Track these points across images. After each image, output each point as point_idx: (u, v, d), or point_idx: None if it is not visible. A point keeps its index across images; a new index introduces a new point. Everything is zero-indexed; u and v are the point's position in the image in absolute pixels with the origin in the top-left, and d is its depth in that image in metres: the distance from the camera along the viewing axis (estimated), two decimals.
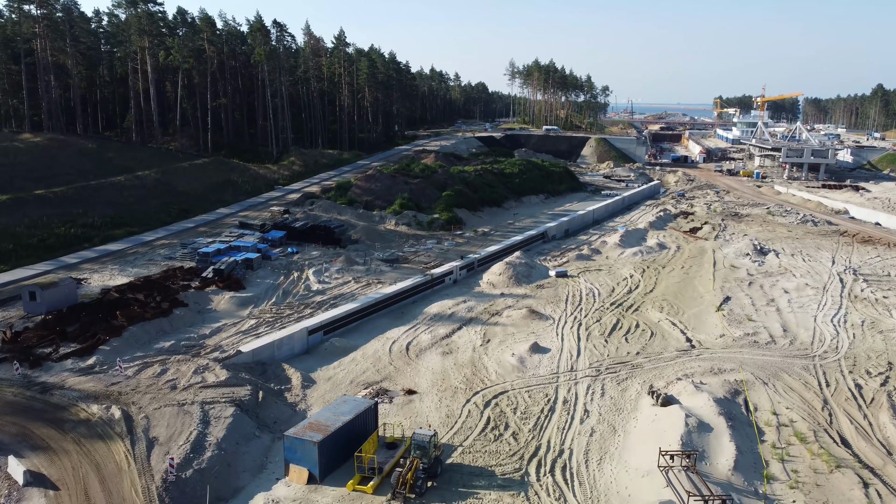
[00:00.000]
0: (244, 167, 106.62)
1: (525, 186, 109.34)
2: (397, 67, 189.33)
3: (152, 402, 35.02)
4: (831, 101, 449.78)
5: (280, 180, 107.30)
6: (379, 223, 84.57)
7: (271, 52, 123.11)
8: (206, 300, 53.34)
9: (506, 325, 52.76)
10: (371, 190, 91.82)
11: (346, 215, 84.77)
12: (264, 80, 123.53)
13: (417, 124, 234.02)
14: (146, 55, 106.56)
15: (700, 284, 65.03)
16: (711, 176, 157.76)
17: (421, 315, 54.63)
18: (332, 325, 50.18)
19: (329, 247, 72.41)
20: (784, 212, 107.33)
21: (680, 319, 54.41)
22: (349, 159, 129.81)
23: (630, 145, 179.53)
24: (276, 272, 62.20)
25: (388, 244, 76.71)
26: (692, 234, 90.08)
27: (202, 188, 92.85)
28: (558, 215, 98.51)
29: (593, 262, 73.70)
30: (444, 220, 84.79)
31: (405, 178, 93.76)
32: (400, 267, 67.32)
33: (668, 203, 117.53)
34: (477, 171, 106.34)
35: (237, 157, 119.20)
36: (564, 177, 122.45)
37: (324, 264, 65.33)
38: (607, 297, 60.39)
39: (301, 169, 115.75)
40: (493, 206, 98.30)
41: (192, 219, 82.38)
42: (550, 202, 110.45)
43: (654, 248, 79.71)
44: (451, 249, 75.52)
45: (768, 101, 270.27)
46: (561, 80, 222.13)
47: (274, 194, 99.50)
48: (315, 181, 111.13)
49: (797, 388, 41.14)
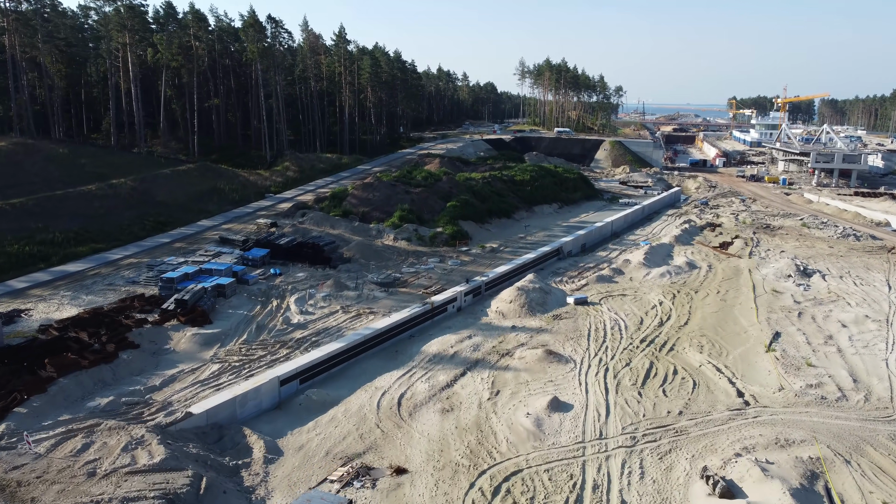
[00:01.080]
0: (233, 173, 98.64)
1: (537, 195, 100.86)
2: (402, 66, 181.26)
3: (59, 499, 26.83)
4: (849, 103, 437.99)
5: (272, 188, 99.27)
6: (376, 238, 76.32)
7: (265, 50, 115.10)
8: (163, 338, 45.20)
9: (518, 369, 44.37)
10: (368, 200, 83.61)
11: (340, 229, 76.58)
12: (258, 80, 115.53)
13: (423, 125, 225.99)
14: (128, 52, 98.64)
15: (741, 315, 56.37)
16: (734, 182, 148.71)
17: (418, 355, 46.35)
18: (311, 371, 41.95)
19: (317, 267, 64.23)
20: (820, 224, 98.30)
21: (725, 363, 45.84)
22: (348, 164, 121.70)
23: (646, 149, 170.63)
24: (252, 300, 54.00)
25: (384, 263, 68.41)
26: (723, 250, 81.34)
27: (184, 197, 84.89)
28: (574, 228, 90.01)
29: (616, 286, 65.16)
30: (449, 234, 76.46)
31: (406, 186, 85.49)
32: (397, 292, 59.05)
33: (691, 213, 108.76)
34: (485, 178, 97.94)
35: (228, 161, 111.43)
36: (579, 184, 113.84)
37: (309, 290, 57.11)
38: (636, 332, 51.89)
39: (296, 175, 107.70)
40: (503, 218, 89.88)
41: (168, 233, 74.38)
42: (565, 212, 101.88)
43: (683, 268, 71.05)
44: (456, 269, 67.20)
45: (789, 103, 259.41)
46: (573, 80, 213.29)
47: (264, 203, 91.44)
48: (310, 188, 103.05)
49: (889, 468, 32.52)
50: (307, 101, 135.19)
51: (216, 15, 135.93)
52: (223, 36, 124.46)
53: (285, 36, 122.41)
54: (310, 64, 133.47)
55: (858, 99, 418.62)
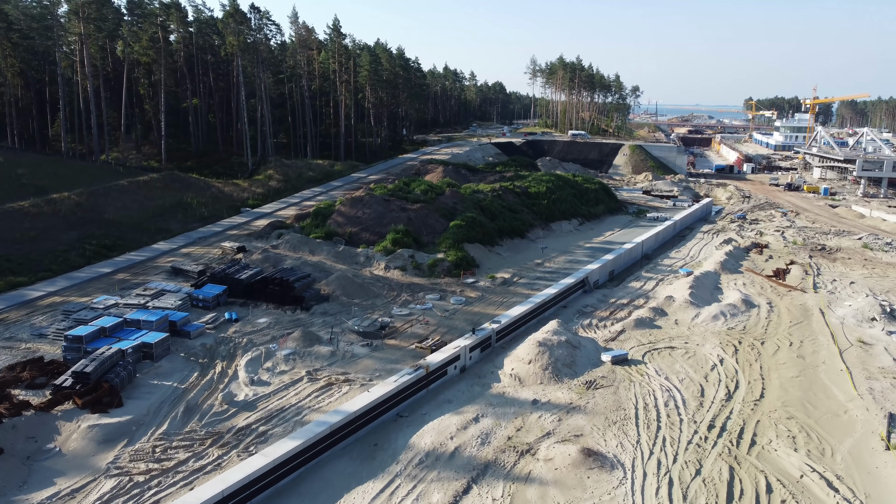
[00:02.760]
0: (204, 184, 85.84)
1: (555, 210, 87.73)
2: (405, 64, 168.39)
3: None
4: (871, 104, 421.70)
5: (249, 200, 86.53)
6: (364, 266, 63.38)
7: (248, 44, 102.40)
8: (47, 433, 32.43)
9: (545, 482, 31.38)
10: (357, 218, 70.74)
11: (321, 255, 63.71)
12: (239, 78, 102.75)
13: (428, 127, 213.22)
14: (84, 44, 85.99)
15: (831, 381, 43.12)
16: (768, 191, 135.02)
17: (405, 453, 33.44)
18: (247, 490, 29.04)
19: (286, 309, 51.36)
20: (885, 245, 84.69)
21: (835, 471, 32.65)
22: (342, 171, 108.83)
23: (669, 154, 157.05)
24: (190, 363, 41.12)
25: (371, 301, 55.43)
26: (780, 280, 68.03)
27: (141, 214, 72.27)
28: (598, 249, 76.91)
29: (660, 332, 52.01)
30: (452, 261, 63.45)
31: (402, 202, 72.55)
32: (383, 346, 46.11)
33: (729, 229, 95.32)
34: (494, 190, 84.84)
35: (206, 169, 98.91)
36: (601, 195, 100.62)
37: (269, 344, 44.26)
38: (698, 410, 38.78)
39: (279, 185, 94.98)
40: (516, 238, 76.82)
41: (113, 259, 61.69)
42: (586, 229, 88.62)
43: (739, 308, 57.77)
44: (459, 310, 54.18)
45: (819, 104, 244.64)
46: (588, 80, 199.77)
47: (237, 220, 78.60)
48: (295, 200, 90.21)
49: None
50: (298, 102, 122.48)
51: (195, 5, 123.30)
52: (204, 29, 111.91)
53: (272, 29, 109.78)
54: (301, 60, 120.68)
55: (881, 100, 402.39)
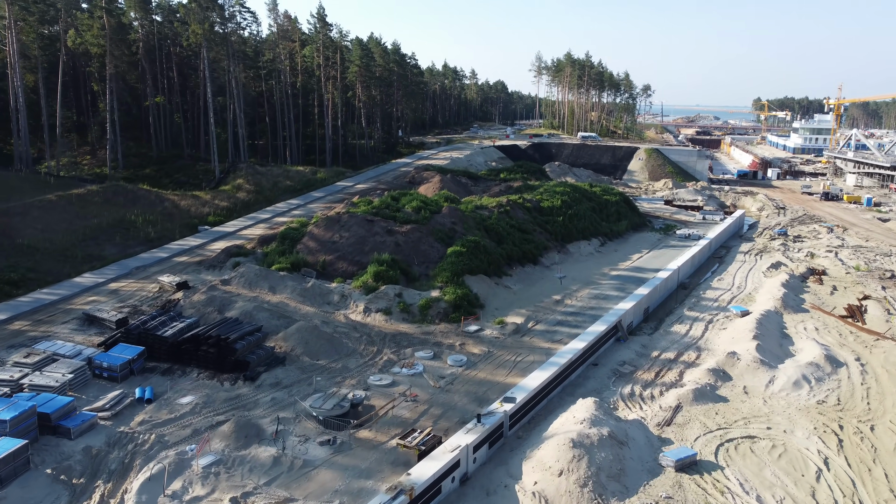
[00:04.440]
0: (156, 197, 72.25)
1: (572, 228, 74.36)
2: (400, 59, 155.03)
3: None
4: (885, 105, 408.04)
5: (210, 216, 73.00)
6: (338, 307, 49.94)
7: (216, 33, 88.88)
8: None
9: None
10: (332, 244, 57.29)
11: (283, 293, 50.25)
12: (205, 72, 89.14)
13: (426, 128, 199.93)
14: (12, 31, 72.24)
15: None
16: (802, 201, 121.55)
17: None
18: None
19: (223, 379, 37.91)
20: None
21: None
22: (325, 179, 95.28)
23: (689, 158, 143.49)
24: (54, 488, 27.59)
25: (343, 362, 41.94)
26: (858, 322, 54.58)
27: (68, 237, 58.81)
28: (627, 278, 63.59)
29: (729, 409, 38.63)
30: (450, 302, 49.99)
31: (389, 223, 59.04)
32: (350, 444, 32.69)
33: (771, 248, 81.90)
34: (501, 205, 71.34)
35: (166, 177, 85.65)
36: (623, 209, 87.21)
37: (186, 446, 30.83)
38: None
39: (249, 196, 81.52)
40: (528, 265, 63.43)
41: (16, 300, 48.12)
42: (609, 251, 75.13)
43: (823, 369, 44.35)
44: (459, 375, 40.79)
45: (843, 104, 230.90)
46: (597, 77, 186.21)
47: (190, 242, 64.94)
48: (265, 216, 76.66)
49: None
50: (278, 101, 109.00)
51: None
52: (169, 16, 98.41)
53: (247, 17, 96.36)
54: (281, 53, 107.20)
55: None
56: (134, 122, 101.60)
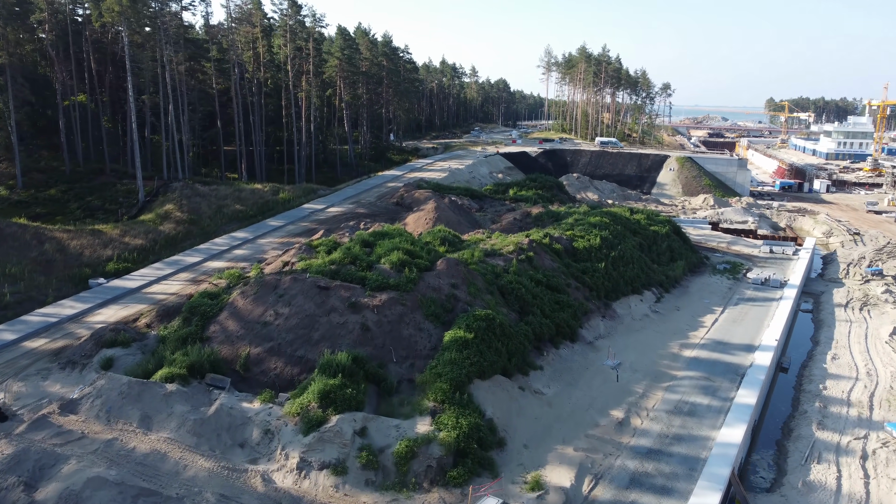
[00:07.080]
0: (33, 235, 51.19)
1: (618, 278, 53.72)
2: (391, 53, 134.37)
3: None
4: None
5: (111, 263, 51.99)
6: (256, 456, 29.12)
7: (146, 14, 67.95)
8: None
9: None
10: (263, 328, 36.45)
11: (166, 428, 29.48)
12: (126, 61, 68.00)
13: (422, 131, 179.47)
14: None
15: None
16: (873, 221, 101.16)
17: None
18: None
19: None
20: None
21: None
22: (288, 200, 74.35)
23: (728, 168, 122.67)
24: None
25: None
26: None
27: None
28: (710, 365, 42.92)
29: None
30: (449, 445, 29.12)
31: (353, 290, 38.12)
32: None
33: (875, 296, 61.54)
34: (521, 250, 50.37)
35: (76, 200, 65.24)
36: (675, 243, 66.65)
37: None
38: None
39: (178, 229, 60.68)
40: (563, 343, 42.82)
41: None
42: (668, 309, 54.28)
43: None
44: None
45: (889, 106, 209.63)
46: (614, 75, 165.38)
47: (64, 311, 43.73)
48: (192, 260, 55.48)
49: None
50: (238, 100, 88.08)
51: None
52: None
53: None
54: (237, 41, 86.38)
55: None
56: (53, 126, 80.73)
